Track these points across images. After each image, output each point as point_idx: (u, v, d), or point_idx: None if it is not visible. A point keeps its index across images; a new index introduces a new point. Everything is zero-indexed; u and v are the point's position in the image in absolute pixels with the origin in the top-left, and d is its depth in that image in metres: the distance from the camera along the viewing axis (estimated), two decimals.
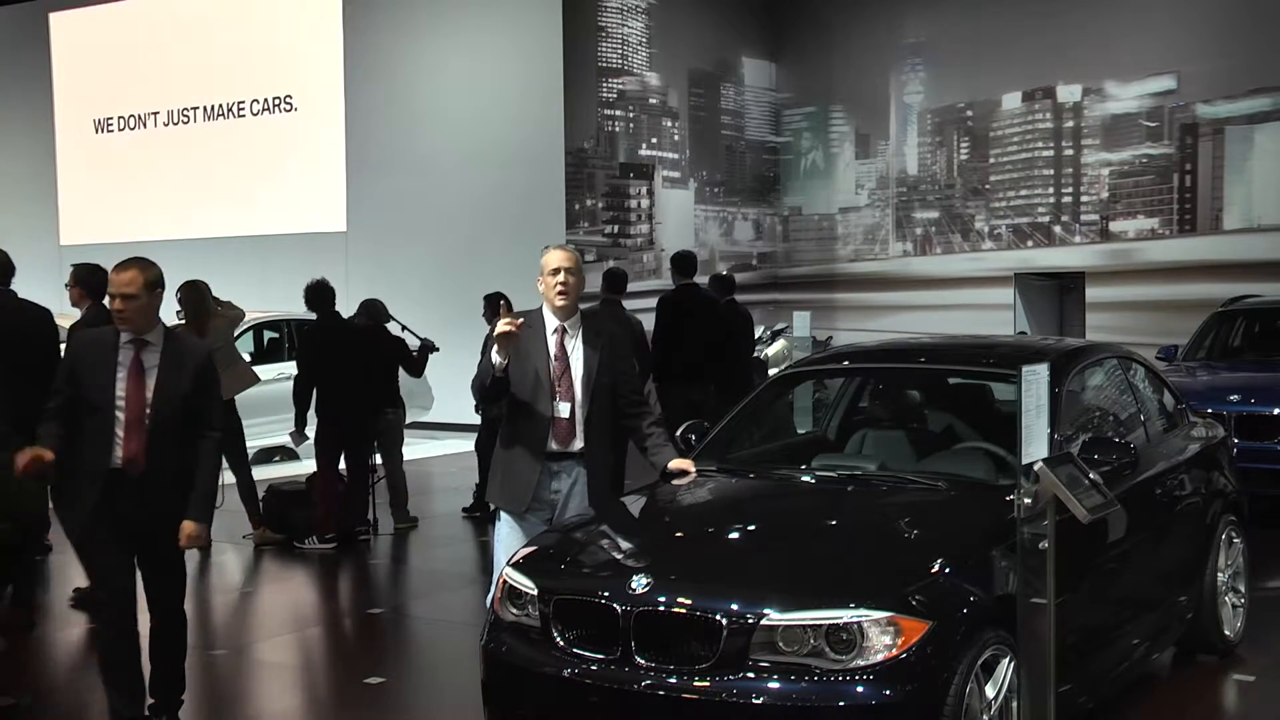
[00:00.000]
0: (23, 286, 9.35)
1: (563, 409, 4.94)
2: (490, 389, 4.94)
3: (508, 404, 5.07)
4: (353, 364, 8.51)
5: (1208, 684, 5.53)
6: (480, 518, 9.22)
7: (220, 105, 17.56)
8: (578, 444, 4.99)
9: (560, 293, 4.94)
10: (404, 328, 9.66)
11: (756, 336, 12.59)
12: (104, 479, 4.61)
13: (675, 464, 5.09)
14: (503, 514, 5.10)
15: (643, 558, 4.24)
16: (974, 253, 16.93)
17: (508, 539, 5.03)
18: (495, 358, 4.84)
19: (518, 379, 4.94)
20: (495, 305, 9.28)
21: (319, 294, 8.68)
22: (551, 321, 5.02)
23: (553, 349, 4.98)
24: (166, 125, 18.13)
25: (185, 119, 17.92)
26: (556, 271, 4.94)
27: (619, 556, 4.39)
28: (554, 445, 4.97)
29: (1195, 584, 5.48)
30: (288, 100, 16.88)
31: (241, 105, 17.33)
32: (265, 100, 17.10)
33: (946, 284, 16.94)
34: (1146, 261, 15.49)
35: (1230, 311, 10.49)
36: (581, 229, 15.19)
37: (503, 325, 4.75)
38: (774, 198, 18.57)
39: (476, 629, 4.86)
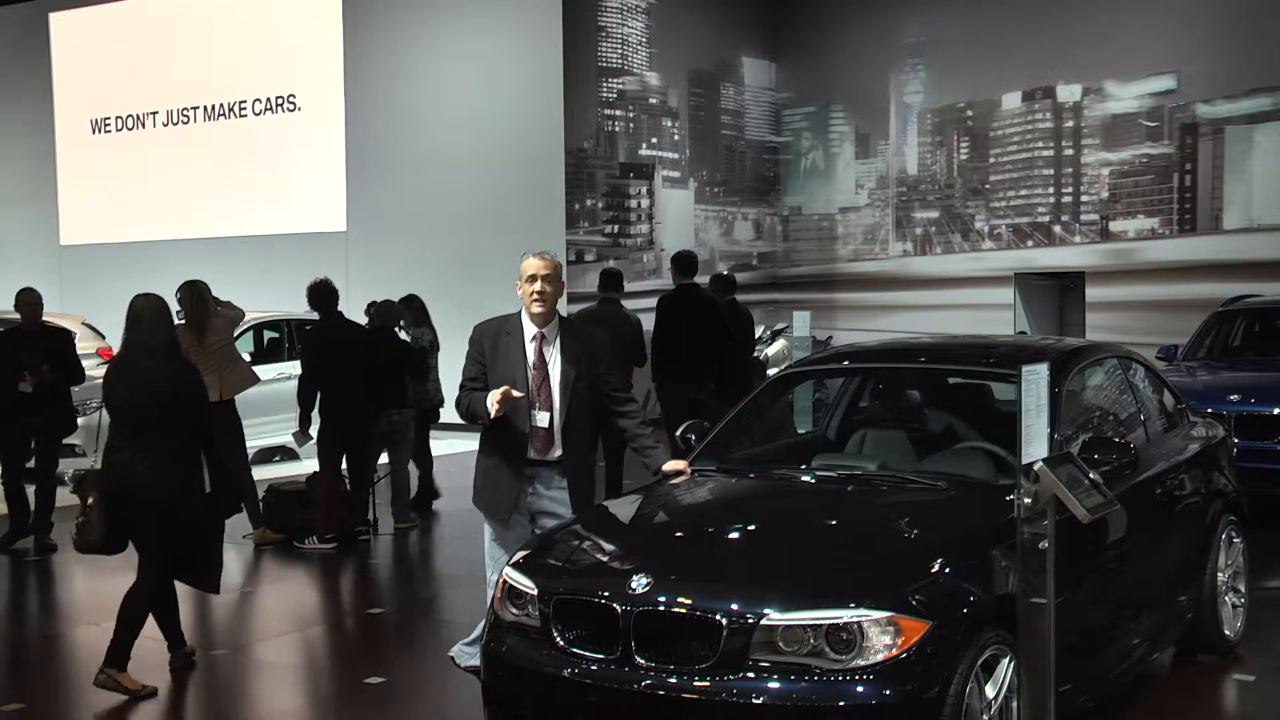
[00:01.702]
0: (22, 286, 9.35)
1: (541, 419, 4.97)
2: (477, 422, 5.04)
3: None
4: (356, 365, 8.50)
5: (1208, 684, 5.52)
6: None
7: (221, 105, 17.56)
8: (556, 452, 5.02)
9: (536, 300, 4.96)
10: (404, 327, 9.66)
11: (756, 336, 12.59)
12: None
13: (670, 465, 5.10)
14: (487, 520, 5.13)
15: (642, 557, 4.24)
16: (974, 253, 16.93)
17: (494, 545, 5.10)
18: (492, 409, 4.86)
19: (497, 386, 4.94)
20: (417, 309, 9.24)
21: (322, 294, 8.67)
22: (530, 329, 5.03)
23: (531, 357, 5.00)
24: (166, 125, 18.14)
25: (185, 119, 17.93)
26: (533, 279, 4.96)
27: (619, 556, 4.38)
28: (533, 454, 5.01)
29: (1195, 584, 5.47)
30: (289, 100, 16.88)
31: (242, 105, 17.33)
32: (266, 100, 17.09)
33: (946, 284, 16.94)
34: (1146, 261, 15.49)
35: (1230, 311, 10.48)
36: (581, 229, 15.19)
37: (504, 395, 4.84)
38: (774, 198, 18.58)
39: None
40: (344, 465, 8.67)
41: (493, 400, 4.84)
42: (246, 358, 9.81)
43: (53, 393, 8.34)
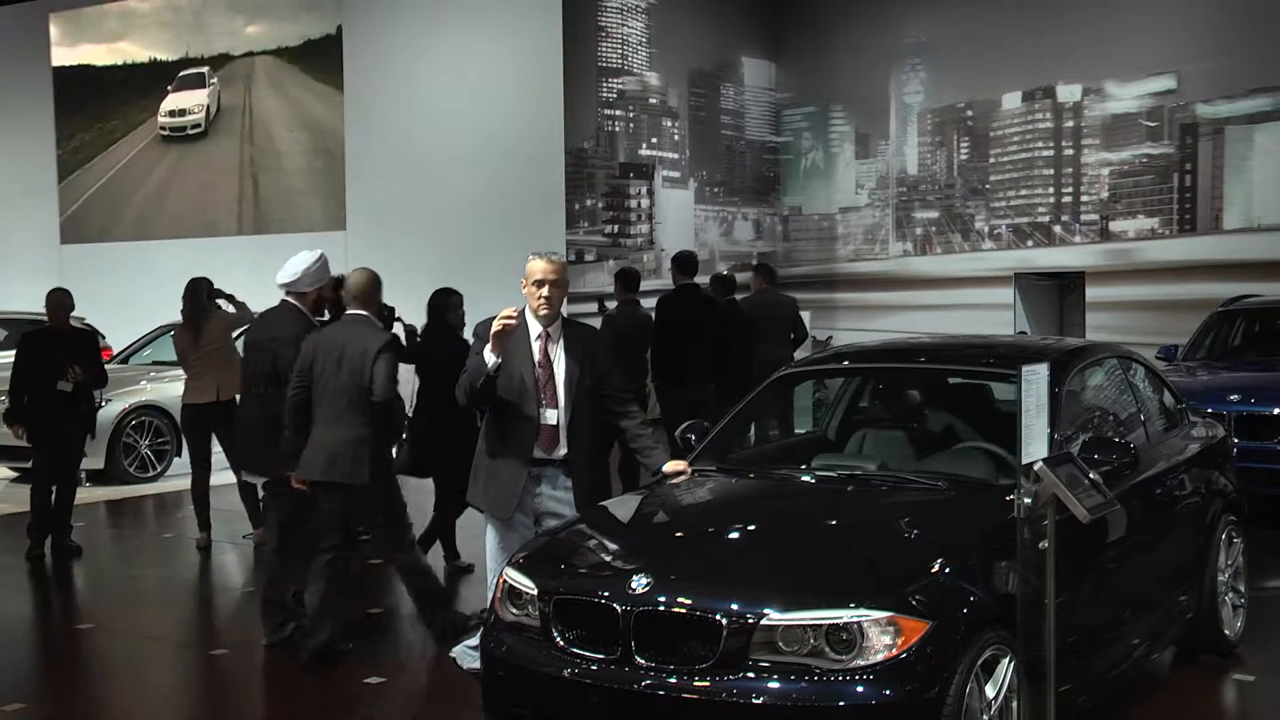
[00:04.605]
0: (22, 286, 9.36)
1: (550, 416, 4.97)
2: (482, 390, 4.94)
3: (491, 408, 5.07)
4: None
5: (1208, 684, 5.52)
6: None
7: (221, 104, 17.54)
8: (562, 450, 5.01)
9: (543, 305, 4.97)
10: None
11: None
12: None
13: (670, 466, 5.10)
14: (489, 519, 5.12)
15: (642, 557, 4.24)
16: (974, 253, 16.92)
17: (496, 543, 5.09)
18: (489, 357, 4.83)
19: (504, 384, 4.95)
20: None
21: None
22: (535, 327, 5.03)
23: (537, 355, 5.00)
24: (166, 124, 18.12)
25: (185, 118, 17.90)
26: (541, 284, 4.96)
27: (619, 556, 4.39)
28: (539, 452, 5.00)
29: (1195, 584, 5.47)
30: (289, 99, 16.86)
31: (242, 104, 17.31)
32: (266, 99, 17.07)
33: (946, 284, 16.93)
34: (1146, 261, 15.48)
35: (1230, 311, 10.48)
36: (581, 229, 15.19)
37: (503, 319, 4.76)
38: (774, 198, 18.57)
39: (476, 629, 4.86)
40: None
41: (493, 333, 4.76)
42: None
43: (85, 393, 8.32)
